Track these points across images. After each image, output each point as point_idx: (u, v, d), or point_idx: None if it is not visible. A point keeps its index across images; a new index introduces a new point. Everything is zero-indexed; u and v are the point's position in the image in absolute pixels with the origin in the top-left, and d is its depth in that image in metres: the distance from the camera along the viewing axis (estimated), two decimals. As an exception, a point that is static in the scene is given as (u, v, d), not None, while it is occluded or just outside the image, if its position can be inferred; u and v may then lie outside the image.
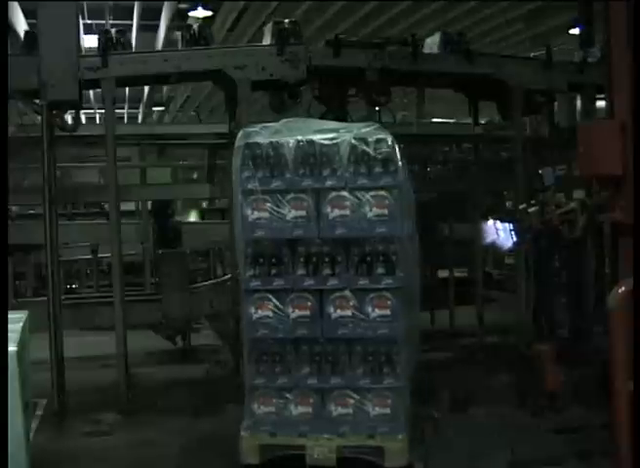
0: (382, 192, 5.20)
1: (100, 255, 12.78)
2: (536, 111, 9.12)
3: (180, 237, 11.04)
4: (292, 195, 5.34)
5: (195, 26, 7.80)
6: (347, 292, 5.26)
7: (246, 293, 5.41)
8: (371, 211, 5.21)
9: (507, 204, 11.14)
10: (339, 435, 5.22)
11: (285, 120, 5.65)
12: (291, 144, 5.36)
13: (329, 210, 5.27)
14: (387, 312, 5.20)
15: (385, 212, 5.20)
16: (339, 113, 8.39)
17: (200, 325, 10.43)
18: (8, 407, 4.26)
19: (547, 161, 9.20)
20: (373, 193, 5.22)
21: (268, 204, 5.35)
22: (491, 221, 10.01)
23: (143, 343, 9.42)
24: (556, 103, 9.60)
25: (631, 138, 5.22)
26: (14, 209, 11.53)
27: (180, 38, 7.80)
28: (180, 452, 5.97)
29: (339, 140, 5.28)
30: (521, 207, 8.12)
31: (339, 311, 5.26)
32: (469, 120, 9.77)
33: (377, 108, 8.51)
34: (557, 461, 5.51)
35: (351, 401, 5.24)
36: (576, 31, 12.72)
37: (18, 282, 12.71)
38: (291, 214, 5.32)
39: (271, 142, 5.40)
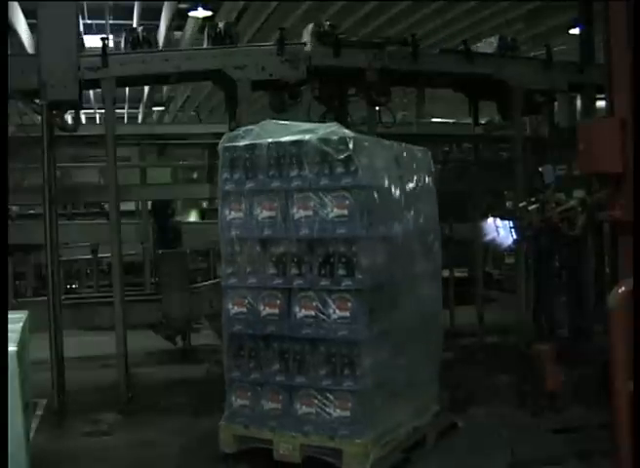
0: (343, 192, 5.22)
1: (100, 255, 12.79)
2: (536, 111, 9.12)
3: (179, 237, 11.04)
4: (263, 196, 5.50)
5: (221, 25, 7.79)
6: (311, 293, 5.32)
7: (225, 290, 5.64)
8: (332, 211, 5.24)
9: (508, 204, 11.13)
10: (303, 433, 5.29)
11: (263, 122, 5.80)
12: (263, 147, 5.50)
13: (295, 210, 5.36)
14: (347, 314, 5.20)
15: (345, 212, 5.21)
16: (339, 113, 8.41)
17: (200, 325, 10.42)
18: (8, 407, 4.27)
19: (547, 161, 9.19)
20: (334, 194, 5.24)
21: (243, 205, 5.55)
22: (491, 219, 9.98)
23: (143, 343, 9.42)
24: (556, 103, 9.61)
25: (631, 136, 5.22)
26: (14, 208, 11.55)
27: (205, 37, 7.78)
28: (179, 452, 5.97)
29: (304, 141, 5.35)
30: (521, 204, 8.11)
31: (303, 311, 5.34)
32: (469, 120, 9.77)
33: (377, 108, 8.50)
34: (557, 461, 5.51)
35: (315, 401, 5.29)
36: (576, 31, 12.72)
37: (18, 282, 12.71)
38: (262, 214, 5.49)
39: (247, 145, 5.58)
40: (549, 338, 7.64)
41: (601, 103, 8.10)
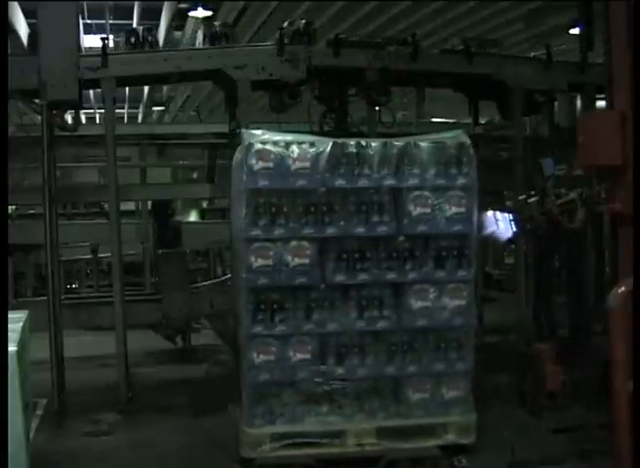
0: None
1: (100, 255, 12.78)
2: (536, 111, 9.11)
3: (179, 237, 11.03)
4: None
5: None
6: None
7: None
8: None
9: (507, 203, 11.11)
10: None
11: None
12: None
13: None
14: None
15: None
16: (339, 113, 8.41)
17: (200, 325, 10.42)
18: (8, 407, 4.27)
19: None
20: None
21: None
22: (490, 212, 9.95)
23: (143, 343, 9.42)
24: (556, 103, 9.60)
25: (631, 129, 5.23)
26: (13, 208, 11.55)
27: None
28: (179, 452, 5.97)
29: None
30: (520, 198, 8.10)
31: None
32: (469, 120, 9.76)
33: (377, 108, 8.50)
34: (557, 461, 5.51)
35: None
36: (576, 31, 12.71)
37: (18, 282, 12.71)
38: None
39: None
40: (549, 338, 7.64)
41: (601, 103, 8.09)
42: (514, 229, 8.46)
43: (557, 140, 9.06)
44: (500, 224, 9.76)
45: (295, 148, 5.63)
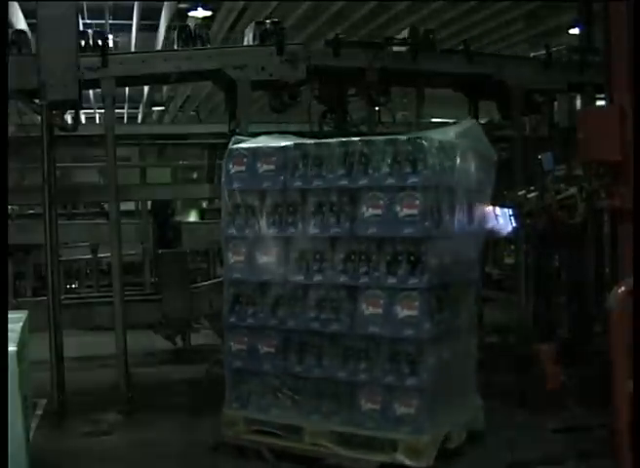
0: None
1: (99, 255, 12.78)
2: (536, 111, 9.12)
3: (179, 237, 11.03)
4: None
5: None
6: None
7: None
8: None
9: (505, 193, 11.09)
10: None
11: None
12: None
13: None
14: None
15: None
16: (339, 113, 8.41)
17: (200, 325, 10.42)
18: (8, 407, 4.27)
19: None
20: None
21: None
22: (490, 207, 9.92)
23: (143, 343, 9.42)
24: (556, 103, 9.60)
25: (631, 125, 5.23)
26: (13, 208, 11.54)
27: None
28: (179, 452, 5.97)
29: None
30: (520, 193, 8.08)
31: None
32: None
33: (377, 108, 8.50)
34: (557, 461, 5.50)
35: None
36: (576, 31, 12.71)
37: (18, 282, 12.70)
38: None
39: None
40: (549, 338, 7.64)
41: (601, 103, 8.09)
42: (514, 224, 8.43)
43: (557, 140, 9.06)
44: (500, 219, 9.72)
45: (264, 151, 5.93)
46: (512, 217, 8.07)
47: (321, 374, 5.66)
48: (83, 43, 7.45)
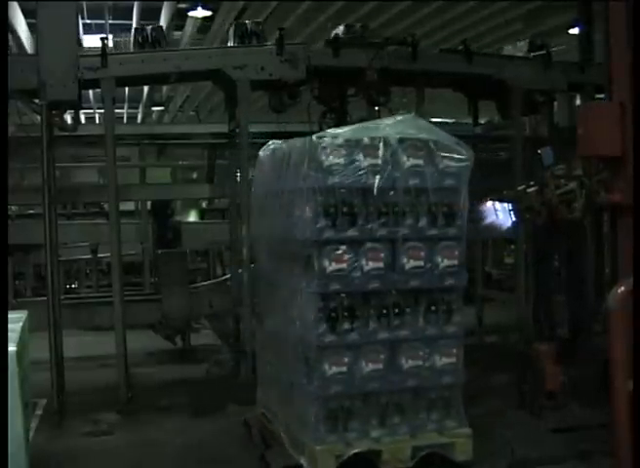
0: None
1: (99, 255, 12.79)
2: (535, 111, 9.12)
3: (179, 237, 11.04)
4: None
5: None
6: None
7: None
8: None
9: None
10: None
11: None
12: None
13: None
14: None
15: None
16: (338, 113, 8.41)
17: (200, 325, 10.42)
18: (8, 407, 4.26)
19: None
20: None
21: None
22: (490, 202, 9.93)
23: (143, 343, 9.42)
24: (556, 103, 9.60)
25: (631, 120, 5.22)
26: (13, 208, 11.54)
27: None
28: (179, 452, 5.97)
29: None
30: (520, 188, 8.09)
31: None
32: (469, 120, 9.76)
33: (376, 108, 8.50)
34: (557, 461, 5.51)
35: None
36: (576, 31, 12.71)
37: (18, 282, 12.71)
38: None
39: None
40: (549, 338, 7.64)
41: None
42: (513, 219, 8.43)
43: (557, 140, 9.06)
44: (500, 214, 9.72)
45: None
46: (512, 212, 8.06)
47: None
48: (141, 39, 7.47)
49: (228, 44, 7.86)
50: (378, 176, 5.14)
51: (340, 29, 8.09)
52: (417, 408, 5.31)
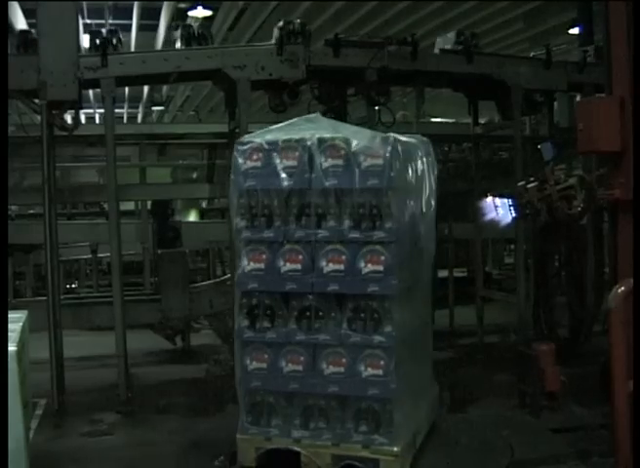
0: None
1: (99, 255, 12.79)
2: (535, 111, 9.11)
3: (179, 237, 11.04)
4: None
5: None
6: None
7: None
8: None
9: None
10: None
11: None
12: None
13: None
14: None
15: None
16: (338, 113, 8.40)
17: (200, 325, 10.42)
18: (8, 407, 4.26)
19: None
20: None
21: None
22: (489, 198, 9.92)
23: (143, 343, 9.42)
24: (556, 103, 9.59)
25: (630, 115, 5.22)
26: (13, 208, 11.55)
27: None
28: (179, 452, 5.97)
29: None
30: (520, 184, 8.07)
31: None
32: (469, 120, 9.76)
33: (376, 108, 8.50)
34: (557, 461, 5.50)
35: None
36: (576, 31, 12.72)
37: (18, 282, 12.71)
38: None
39: None
40: (549, 338, 7.64)
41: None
42: (513, 215, 8.41)
43: (557, 140, 9.05)
44: (500, 210, 9.70)
45: None
46: (512, 208, 8.04)
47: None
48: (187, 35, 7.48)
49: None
50: (293, 178, 5.15)
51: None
52: (343, 416, 5.13)
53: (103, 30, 7.65)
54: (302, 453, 5.12)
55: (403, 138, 5.40)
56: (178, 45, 7.74)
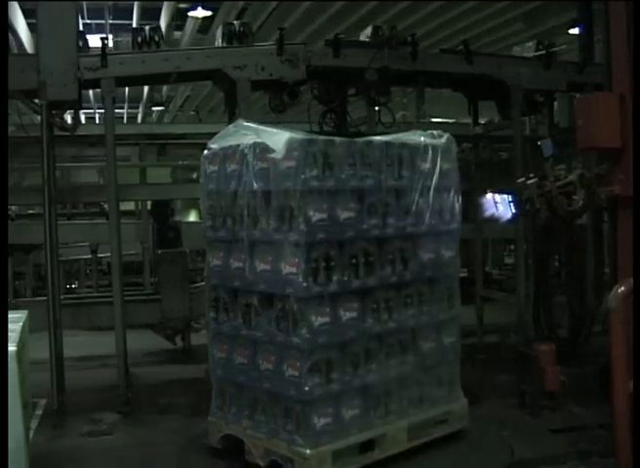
0: None
1: (99, 255, 12.79)
2: (535, 111, 9.10)
3: (179, 237, 11.03)
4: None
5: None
6: None
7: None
8: None
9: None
10: None
11: None
12: None
13: None
14: None
15: None
16: (338, 113, 8.41)
17: (200, 325, 10.41)
18: (8, 407, 4.27)
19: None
20: None
21: None
22: (489, 195, 9.91)
23: (143, 343, 9.42)
24: (556, 103, 9.59)
25: (630, 111, 5.22)
26: (13, 208, 11.55)
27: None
28: (179, 452, 5.97)
29: None
30: (519, 180, 8.07)
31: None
32: (469, 120, 9.76)
33: (376, 108, 8.50)
34: (557, 461, 5.51)
35: None
36: (576, 31, 12.72)
37: (18, 282, 12.71)
38: None
39: None
40: (549, 338, 7.64)
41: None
42: (513, 211, 8.40)
43: (557, 140, 9.05)
44: (500, 206, 9.69)
45: None
46: (512, 204, 8.03)
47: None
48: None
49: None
50: (235, 181, 5.53)
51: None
52: (275, 413, 5.30)
53: (146, 28, 7.67)
54: (245, 442, 5.45)
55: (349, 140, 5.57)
56: (218, 42, 7.73)
